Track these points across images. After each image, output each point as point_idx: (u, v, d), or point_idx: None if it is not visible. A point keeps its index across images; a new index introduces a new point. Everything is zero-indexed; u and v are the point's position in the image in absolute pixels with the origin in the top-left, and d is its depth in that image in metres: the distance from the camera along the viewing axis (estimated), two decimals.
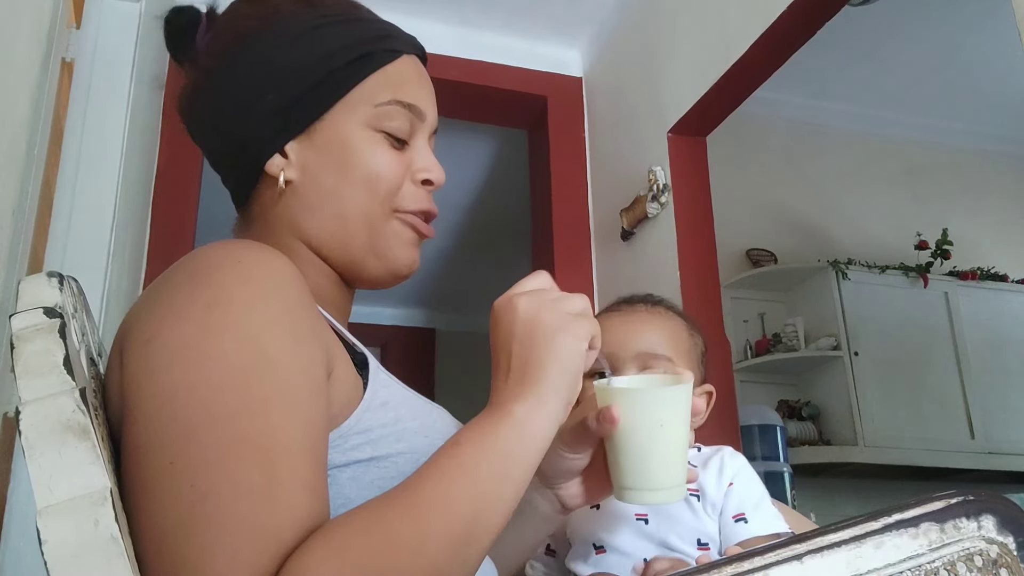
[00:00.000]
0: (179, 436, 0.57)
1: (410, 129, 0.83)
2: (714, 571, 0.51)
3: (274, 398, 0.59)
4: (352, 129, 0.80)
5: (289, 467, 0.57)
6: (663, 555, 0.89)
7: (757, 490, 0.94)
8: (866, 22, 3.27)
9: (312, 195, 0.80)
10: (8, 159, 1.15)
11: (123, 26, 1.83)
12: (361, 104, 0.81)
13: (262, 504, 0.55)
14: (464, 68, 2.81)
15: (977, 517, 0.53)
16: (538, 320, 0.68)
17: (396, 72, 0.83)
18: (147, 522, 0.56)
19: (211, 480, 0.55)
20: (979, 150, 4.22)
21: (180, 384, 0.58)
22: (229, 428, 0.57)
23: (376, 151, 0.80)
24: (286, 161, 0.80)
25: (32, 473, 0.53)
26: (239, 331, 0.60)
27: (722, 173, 2.67)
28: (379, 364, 0.78)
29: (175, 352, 0.59)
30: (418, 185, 0.83)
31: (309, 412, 0.61)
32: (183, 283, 0.64)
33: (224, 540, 0.53)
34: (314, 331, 0.66)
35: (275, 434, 0.57)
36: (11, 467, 1.39)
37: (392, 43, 0.84)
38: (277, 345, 0.61)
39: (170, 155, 2.42)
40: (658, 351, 1.00)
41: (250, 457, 0.56)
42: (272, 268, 0.65)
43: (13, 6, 1.18)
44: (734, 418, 2.28)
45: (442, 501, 0.59)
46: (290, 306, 0.64)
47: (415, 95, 0.83)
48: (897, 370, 3.52)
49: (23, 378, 0.56)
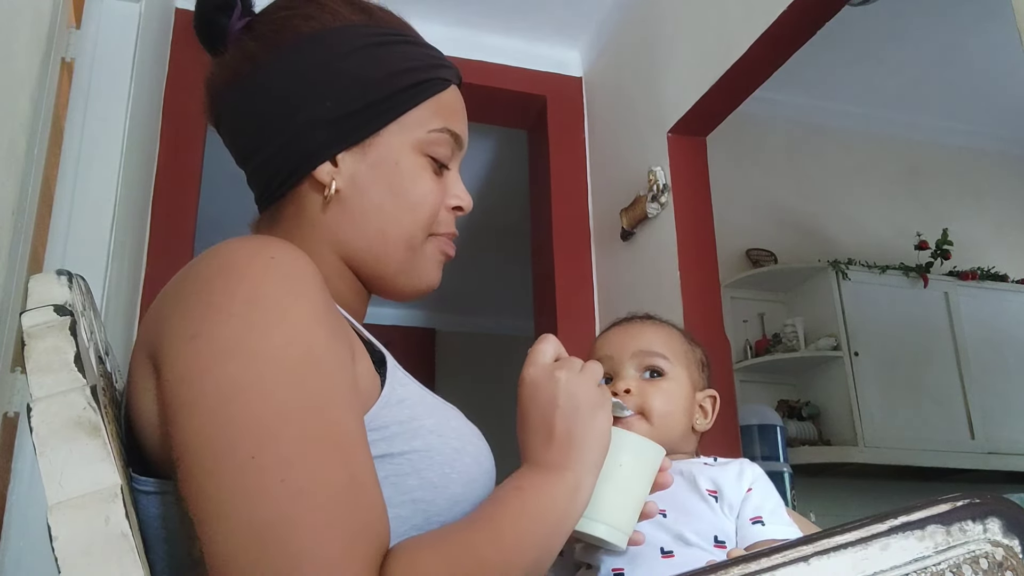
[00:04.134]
0: (253, 432, 0.57)
1: (451, 157, 0.86)
2: (721, 572, 0.51)
3: (328, 394, 0.61)
4: (403, 150, 0.82)
5: (359, 461, 0.61)
6: (680, 548, 0.90)
7: (774, 498, 0.95)
8: (866, 22, 3.28)
9: (357, 208, 0.81)
10: (8, 159, 1.15)
11: (123, 26, 1.82)
12: (416, 128, 0.82)
13: (354, 500, 0.58)
14: (464, 68, 2.77)
15: (983, 520, 0.53)
16: (579, 396, 0.73)
17: (447, 101, 0.86)
18: (229, 517, 0.56)
19: (301, 477, 0.57)
20: (979, 150, 4.23)
21: (238, 381, 0.59)
22: (302, 424, 0.58)
23: (423, 176, 0.83)
24: (336, 170, 0.80)
25: (43, 469, 0.53)
26: (284, 328, 0.62)
27: (722, 173, 2.68)
28: (396, 363, 0.78)
29: (224, 349, 0.60)
30: (449, 211, 0.86)
31: (355, 406, 0.64)
32: (214, 278, 0.64)
33: (333, 534, 0.55)
34: (342, 328, 0.68)
35: (340, 429, 0.60)
36: (11, 467, 1.39)
37: (446, 72, 0.87)
38: (319, 342, 0.63)
39: (170, 155, 2.42)
40: (655, 349, 1.03)
41: (330, 453, 0.58)
42: (301, 266, 0.67)
43: (13, 6, 1.18)
44: (734, 418, 2.28)
45: (522, 537, 0.64)
46: (323, 304, 0.66)
47: (460, 127, 0.87)
48: (897, 370, 3.52)
49: (34, 375, 0.56)
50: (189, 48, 2.56)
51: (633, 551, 0.90)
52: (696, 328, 2.18)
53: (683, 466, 0.99)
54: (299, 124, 0.79)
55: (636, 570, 0.89)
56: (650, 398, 1.00)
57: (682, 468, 0.98)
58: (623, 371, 1.02)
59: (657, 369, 1.03)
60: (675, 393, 1.02)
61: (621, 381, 1.01)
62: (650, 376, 1.03)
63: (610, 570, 0.90)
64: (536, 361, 0.76)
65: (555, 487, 0.69)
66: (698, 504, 0.93)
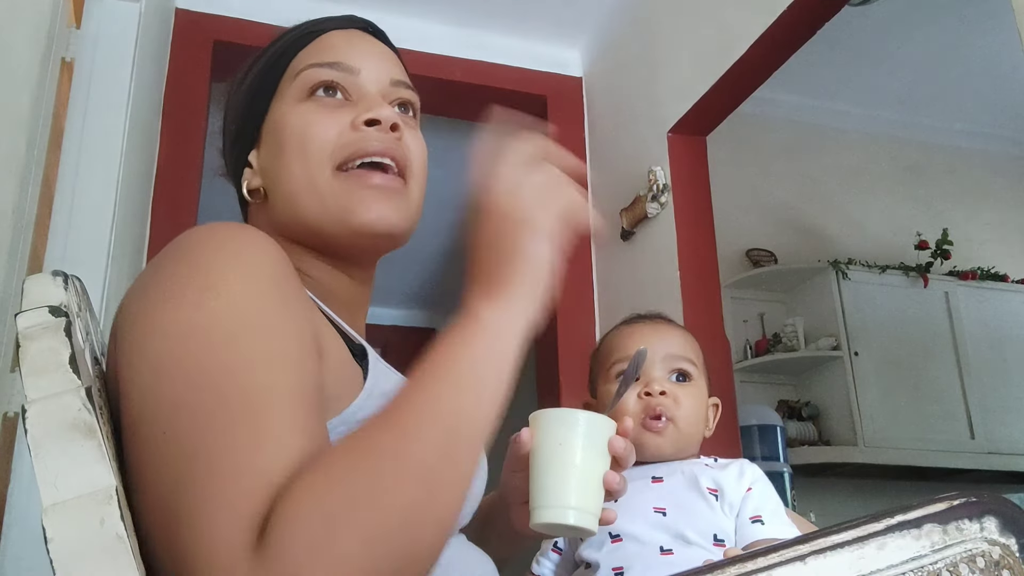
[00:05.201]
0: (168, 407, 0.57)
1: (344, 86, 0.83)
2: (718, 571, 0.51)
3: (260, 358, 0.59)
4: (284, 111, 0.83)
5: (277, 415, 0.57)
6: (680, 547, 0.90)
7: (774, 499, 0.96)
8: (866, 22, 3.28)
9: (271, 190, 0.83)
10: (8, 159, 1.16)
11: (123, 26, 1.83)
12: (286, 87, 0.84)
13: (249, 451, 0.55)
14: (464, 68, 2.81)
15: (979, 519, 0.53)
16: (506, 216, 0.67)
17: (317, 46, 0.85)
18: (147, 497, 0.57)
19: (199, 440, 0.55)
20: (979, 150, 4.22)
21: (167, 358, 0.59)
22: (214, 391, 0.57)
23: (304, 117, 0.81)
24: (251, 171, 0.85)
25: (38, 471, 0.53)
26: (221, 301, 0.61)
27: (722, 173, 2.67)
28: (379, 356, 0.78)
29: (162, 329, 0.60)
30: (360, 129, 0.80)
31: (299, 368, 0.61)
32: (166, 263, 0.66)
33: (214, 490, 0.53)
34: (300, 304, 0.66)
35: (261, 389, 0.58)
36: (11, 467, 1.39)
37: (312, 27, 0.87)
38: (263, 313, 0.62)
39: (170, 155, 2.42)
40: (685, 354, 1.05)
41: (236, 413, 0.56)
42: (257, 246, 0.66)
43: (13, 6, 1.18)
44: (734, 418, 2.28)
45: (417, 407, 0.59)
46: (277, 280, 0.65)
47: (339, 54, 0.84)
48: (897, 370, 3.52)
49: (29, 376, 0.56)
50: (189, 48, 2.56)
51: (633, 549, 0.91)
52: (696, 328, 2.17)
53: (685, 466, 0.99)
54: (226, 155, 0.89)
55: (635, 568, 0.90)
56: (681, 402, 1.02)
57: (683, 468, 0.99)
58: (654, 371, 1.03)
59: (685, 373, 1.05)
60: (699, 398, 1.05)
61: (656, 384, 1.02)
62: (676, 380, 1.04)
63: (610, 569, 0.91)
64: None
65: (464, 333, 0.65)
66: (698, 503, 0.94)
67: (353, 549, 0.51)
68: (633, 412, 1.00)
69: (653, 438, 0.99)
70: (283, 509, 0.52)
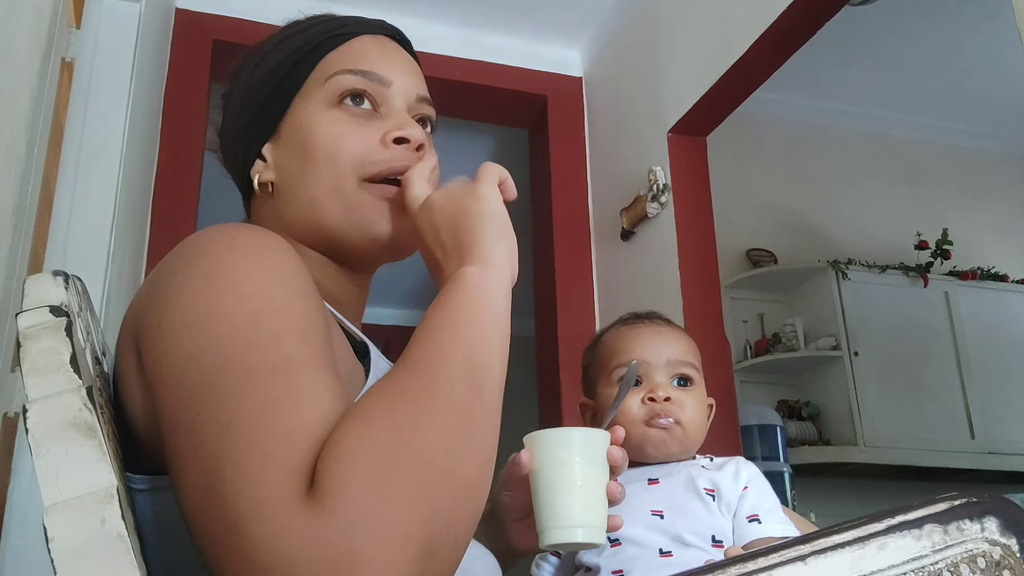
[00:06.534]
0: (199, 389, 0.57)
1: (374, 96, 0.84)
2: (718, 571, 0.51)
3: (286, 332, 0.60)
4: (313, 114, 0.83)
5: (307, 377, 0.58)
6: (678, 548, 0.90)
7: (770, 497, 0.96)
8: (866, 22, 3.28)
9: (287, 188, 0.83)
10: (8, 159, 1.16)
11: (123, 26, 1.83)
12: (315, 87, 0.83)
13: (287, 408, 0.55)
14: (464, 68, 2.81)
15: (980, 519, 0.53)
16: (451, 204, 0.74)
17: (349, 49, 0.85)
18: (187, 479, 0.55)
19: (235, 408, 0.55)
20: (979, 150, 4.22)
21: (192, 348, 0.59)
22: (244, 363, 0.57)
23: (333, 126, 0.82)
24: (264, 164, 0.84)
25: (39, 471, 0.53)
26: (239, 291, 0.61)
27: (722, 173, 2.68)
28: (380, 353, 0.79)
29: (182, 324, 0.60)
30: (390, 146, 0.82)
31: (319, 343, 0.62)
32: (179, 265, 0.66)
33: (254, 450, 0.52)
34: (316, 297, 0.67)
35: (290, 357, 0.58)
36: (11, 466, 1.39)
37: (344, 29, 0.86)
38: (281, 297, 0.62)
39: (170, 155, 2.42)
40: (687, 358, 1.05)
41: (267, 379, 0.56)
42: (266, 241, 0.67)
43: (13, 6, 1.18)
44: (734, 418, 2.28)
45: (436, 352, 0.62)
46: (290, 270, 0.65)
47: (372, 64, 0.84)
48: (897, 370, 3.52)
49: (30, 376, 0.56)
50: (189, 48, 2.57)
51: (632, 552, 0.91)
52: (696, 328, 2.19)
53: (681, 468, 0.99)
54: (231, 140, 0.87)
55: (635, 571, 0.90)
56: (687, 407, 1.02)
57: (680, 470, 0.99)
58: (657, 377, 1.03)
59: (687, 378, 1.05)
60: (702, 402, 1.05)
61: (661, 390, 1.02)
62: (679, 384, 1.04)
63: (610, 572, 0.91)
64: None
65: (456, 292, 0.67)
66: (695, 504, 0.94)
67: (411, 484, 0.51)
68: (637, 416, 1.00)
69: (659, 434, 1.00)
70: (334, 454, 0.52)
